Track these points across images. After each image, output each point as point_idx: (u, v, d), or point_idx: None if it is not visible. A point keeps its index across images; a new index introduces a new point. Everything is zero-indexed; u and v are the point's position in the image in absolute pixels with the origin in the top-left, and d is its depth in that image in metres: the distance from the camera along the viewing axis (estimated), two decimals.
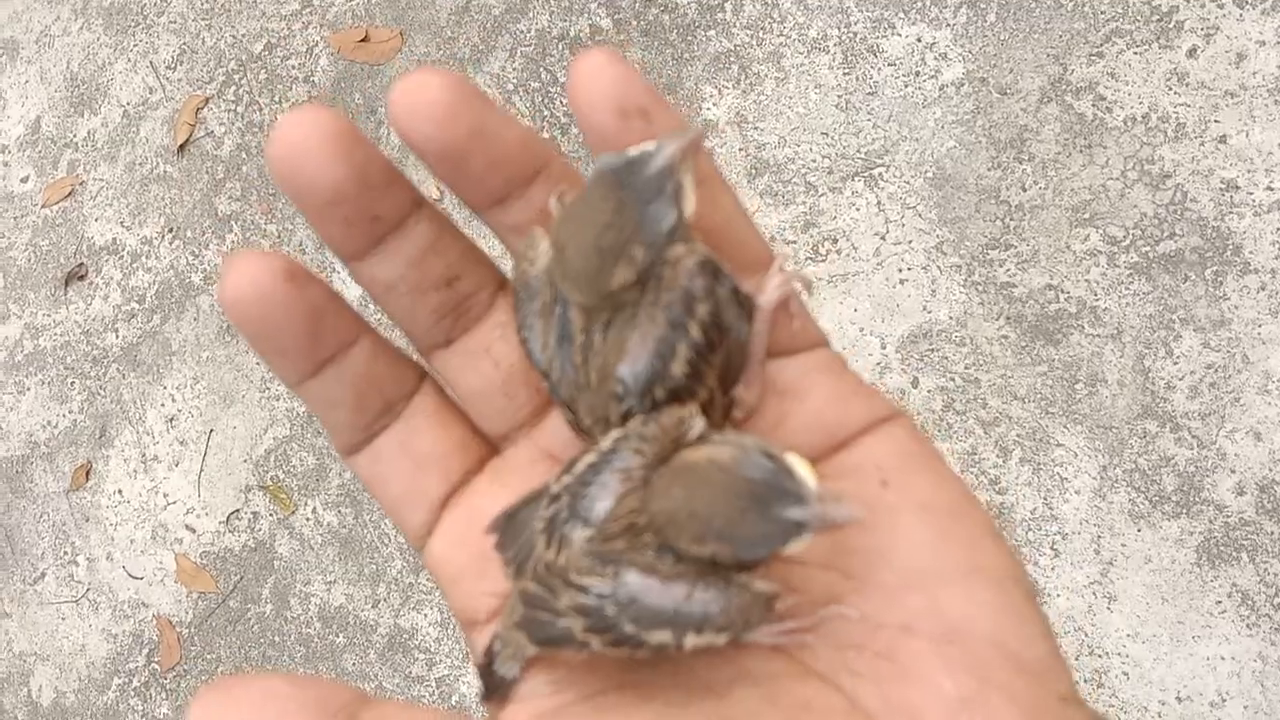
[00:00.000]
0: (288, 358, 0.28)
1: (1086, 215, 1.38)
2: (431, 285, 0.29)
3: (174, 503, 1.77)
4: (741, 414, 0.28)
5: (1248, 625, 1.29)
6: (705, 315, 0.26)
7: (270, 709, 0.25)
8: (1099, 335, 1.36)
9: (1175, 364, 1.34)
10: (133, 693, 1.75)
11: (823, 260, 1.47)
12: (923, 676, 0.25)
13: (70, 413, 1.86)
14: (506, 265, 0.30)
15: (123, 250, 1.87)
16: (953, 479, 0.28)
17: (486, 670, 0.28)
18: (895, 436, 0.28)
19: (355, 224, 0.27)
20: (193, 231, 1.82)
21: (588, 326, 0.27)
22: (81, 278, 1.89)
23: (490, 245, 0.33)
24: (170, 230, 1.84)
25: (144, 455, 1.80)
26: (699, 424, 0.27)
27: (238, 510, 1.73)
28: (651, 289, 0.26)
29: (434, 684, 1.59)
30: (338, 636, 1.65)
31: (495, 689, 0.28)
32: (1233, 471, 1.31)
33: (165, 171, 1.86)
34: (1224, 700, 1.28)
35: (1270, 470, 1.30)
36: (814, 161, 1.49)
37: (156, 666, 1.75)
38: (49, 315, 1.90)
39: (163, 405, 1.80)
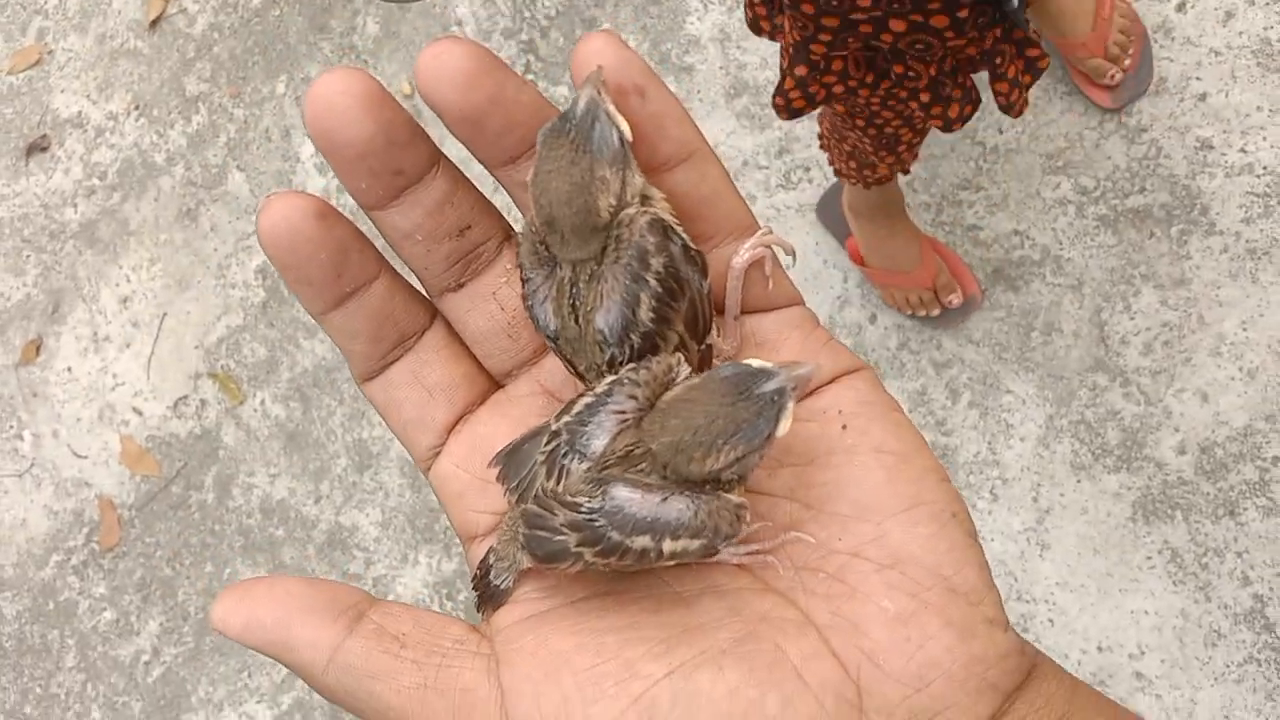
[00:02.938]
0: (314, 289, 0.31)
1: (1060, 163, 1.37)
2: (445, 234, 0.31)
3: (123, 384, 1.75)
4: (721, 362, 0.31)
5: (1174, 582, 1.31)
6: (660, 267, 0.29)
7: (287, 605, 0.29)
8: (1060, 285, 1.36)
9: (1132, 319, 1.33)
10: (71, 570, 1.75)
11: (793, 188, 1.45)
12: (867, 596, 0.29)
13: (24, 286, 1.83)
14: (513, 218, 0.33)
15: (87, 124, 1.83)
16: (907, 426, 0.31)
17: (482, 581, 0.31)
18: (857, 387, 0.31)
19: (380, 176, 0.30)
20: (159, 110, 1.78)
21: (575, 280, 0.30)
22: (44, 149, 1.84)
23: (498, 199, 0.33)
24: (136, 107, 1.80)
25: (95, 334, 1.77)
26: (685, 370, 0.30)
27: (186, 396, 1.71)
28: (612, 248, 0.30)
29: (370, 583, 1.59)
30: (278, 529, 1.65)
31: (490, 598, 0.31)
32: (1176, 430, 1.32)
33: (135, 46, 1.81)
34: (1143, 653, 1.30)
35: (1213, 432, 1.30)
36: None
37: (96, 546, 1.74)
38: (8, 185, 1.86)
39: (117, 285, 1.77)
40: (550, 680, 0.28)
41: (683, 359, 0.30)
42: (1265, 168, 1.31)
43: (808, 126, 1.45)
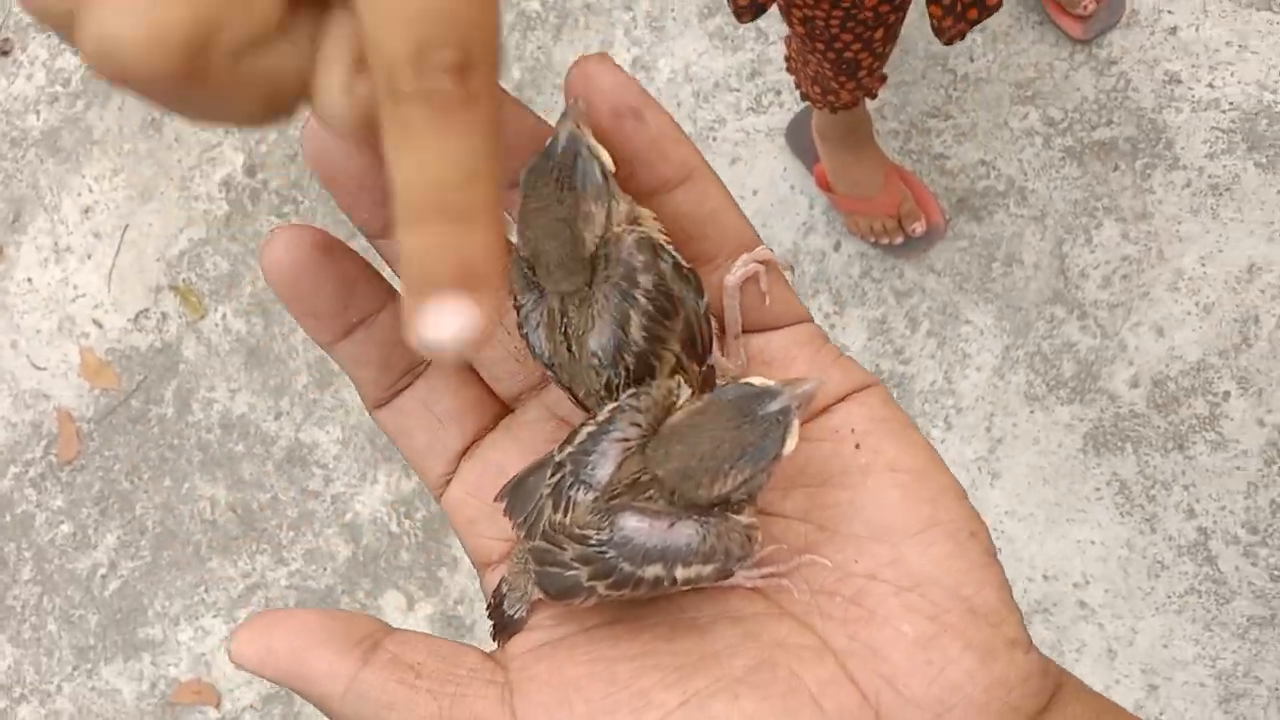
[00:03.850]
0: (321, 321, 0.31)
1: (1029, 93, 1.37)
2: None
3: (83, 295, 1.73)
4: (725, 383, 0.31)
5: (1121, 513, 1.32)
6: (649, 285, 0.29)
7: (303, 637, 0.29)
8: (1023, 216, 1.36)
9: (1092, 252, 1.34)
10: (28, 483, 1.74)
11: (764, 112, 1.44)
12: (885, 620, 0.28)
13: None
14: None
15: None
16: (921, 443, 0.30)
17: (496, 610, 0.32)
18: (869, 403, 0.31)
19: (383, 205, 0.29)
20: None
21: (564, 310, 0.30)
22: (6, 53, 1.81)
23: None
24: None
25: (56, 245, 1.75)
26: (686, 393, 0.30)
27: (147, 309, 1.70)
28: (601, 268, 0.29)
29: (329, 500, 1.59)
30: (237, 445, 1.64)
31: (504, 628, 0.31)
32: (1130, 364, 1.33)
33: None
34: (1087, 582, 1.32)
35: (1166, 366, 1.32)
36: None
37: (54, 459, 1.73)
38: None
39: (79, 195, 1.74)
40: (563, 709, 0.28)
41: (682, 382, 0.30)
42: (1231, 103, 1.31)
43: (780, 50, 1.44)
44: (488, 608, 0.32)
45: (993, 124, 1.37)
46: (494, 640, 0.32)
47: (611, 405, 0.30)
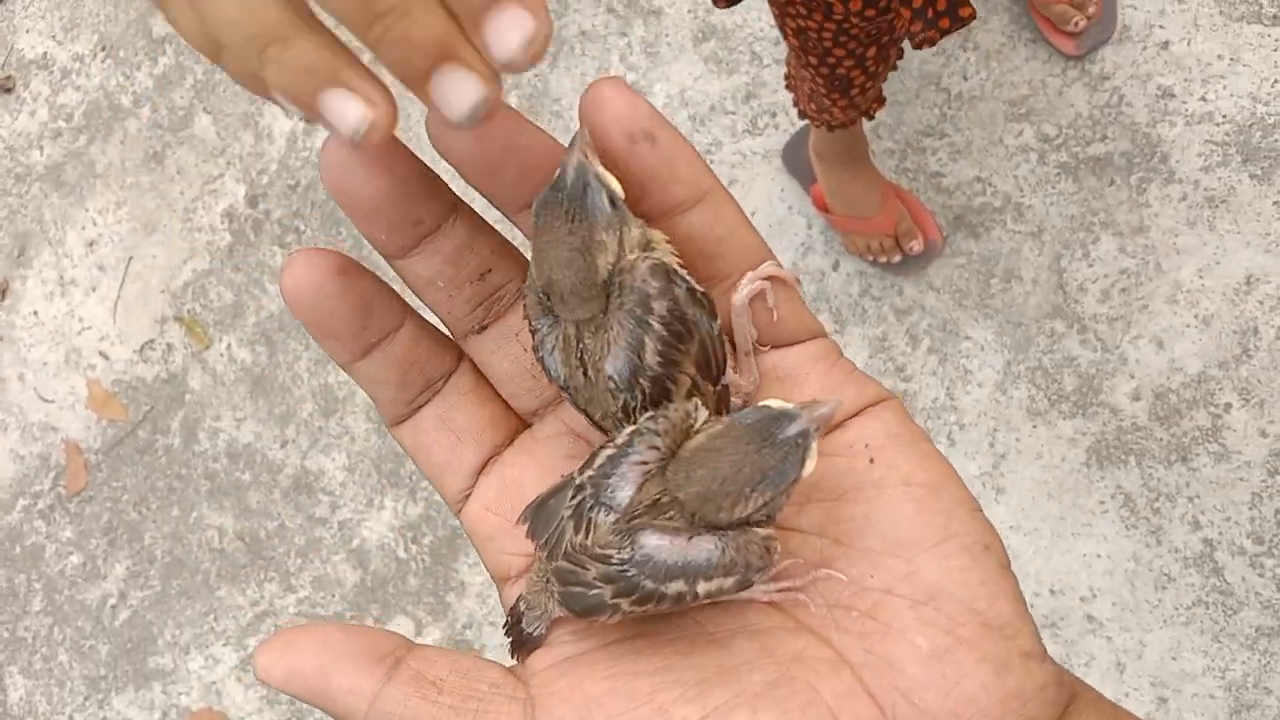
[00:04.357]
0: (340, 342, 0.31)
1: (1023, 110, 1.37)
2: (466, 279, 0.31)
3: (89, 328, 1.74)
4: (740, 401, 0.32)
5: (1126, 526, 1.32)
6: (664, 311, 0.30)
7: (327, 653, 0.29)
8: (1020, 232, 1.37)
9: (1090, 266, 1.34)
10: (37, 515, 1.75)
11: (760, 134, 1.45)
12: (901, 633, 0.29)
13: None
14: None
15: (53, 65, 1.81)
16: (935, 456, 0.31)
17: (515, 627, 0.32)
18: (883, 418, 0.31)
19: (398, 227, 0.30)
20: (125, 51, 1.76)
21: (580, 336, 0.31)
22: (9, 90, 1.83)
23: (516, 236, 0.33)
24: (103, 48, 1.78)
25: (62, 278, 1.76)
26: (703, 415, 0.30)
27: (152, 341, 1.71)
28: (616, 295, 0.30)
29: (336, 526, 1.60)
30: (244, 473, 1.65)
31: (523, 644, 0.32)
32: (1132, 377, 1.33)
33: None
34: (1094, 596, 1.32)
35: (1168, 378, 1.32)
36: (762, 32, 1.46)
37: (62, 491, 1.74)
38: None
39: (84, 228, 1.76)
40: None
41: (699, 404, 0.31)
42: (1225, 116, 1.32)
43: (775, 73, 1.45)
44: (505, 624, 0.32)
45: (988, 141, 1.38)
46: (512, 656, 0.32)
47: (630, 429, 0.30)
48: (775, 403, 0.29)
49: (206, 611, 1.63)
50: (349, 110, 0.24)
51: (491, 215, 0.33)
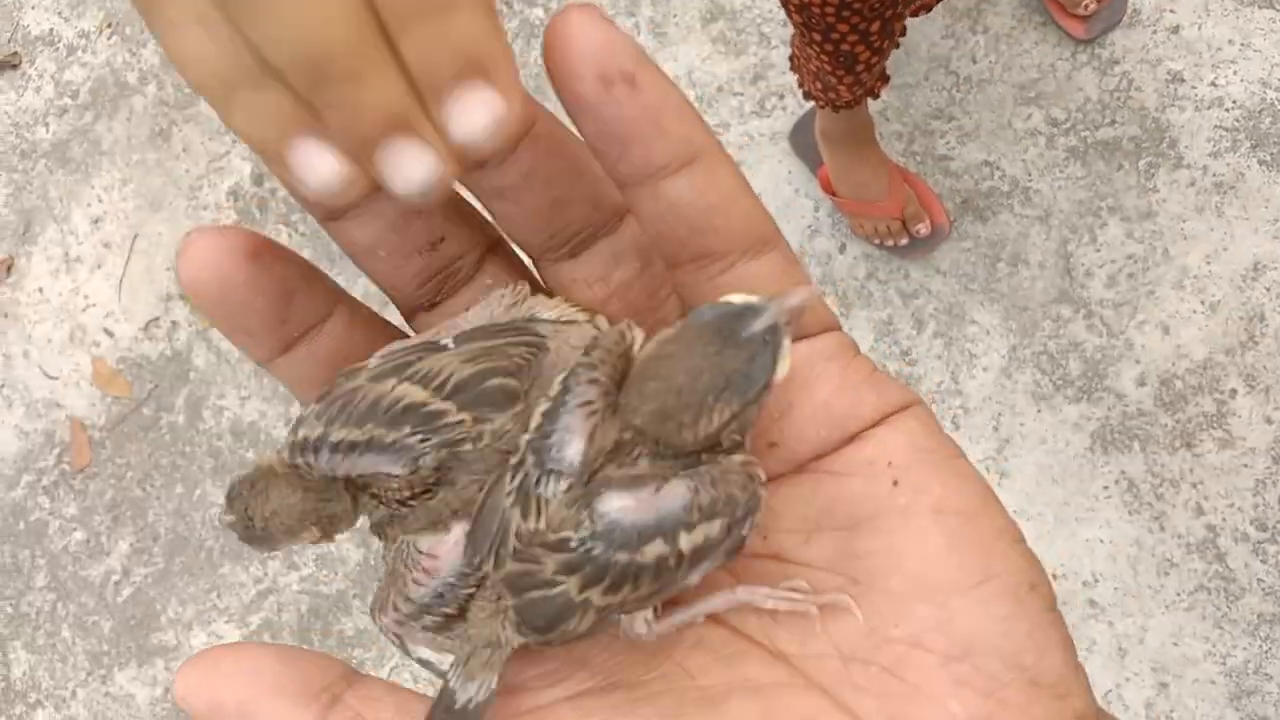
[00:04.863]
0: (254, 338, 0.26)
1: (1032, 94, 1.37)
2: (414, 248, 0.27)
3: (94, 305, 1.74)
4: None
5: (1130, 512, 1.33)
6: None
7: (254, 685, 0.25)
8: (1027, 216, 1.36)
9: (1097, 251, 1.34)
10: (41, 491, 1.75)
11: (767, 115, 1.45)
12: (931, 696, 0.24)
13: None
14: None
15: (58, 42, 1.80)
16: (969, 477, 0.26)
17: (448, 709, 0.25)
18: (909, 429, 0.26)
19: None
20: (132, 29, 1.76)
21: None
22: (14, 67, 1.82)
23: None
24: (109, 25, 1.78)
25: (67, 255, 1.76)
26: (639, 335, 0.26)
27: (157, 318, 1.71)
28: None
29: None
30: (248, 451, 1.65)
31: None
32: (1137, 362, 1.33)
33: None
34: (1096, 581, 1.32)
35: (1173, 364, 1.32)
36: (770, 13, 1.46)
37: (67, 467, 1.75)
38: None
39: (89, 205, 1.76)
40: None
41: (632, 324, 0.26)
42: (1235, 102, 1.31)
43: (784, 54, 1.45)
44: (433, 709, 0.26)
45: (996, 125, 1.37)
46: None
47: (561, 374, 0.25)
48: (736, 297, 0.25)
49: (209, 588, 1.64)
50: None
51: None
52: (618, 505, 0.24)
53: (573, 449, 0.24)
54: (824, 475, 0.26)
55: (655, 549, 0.24)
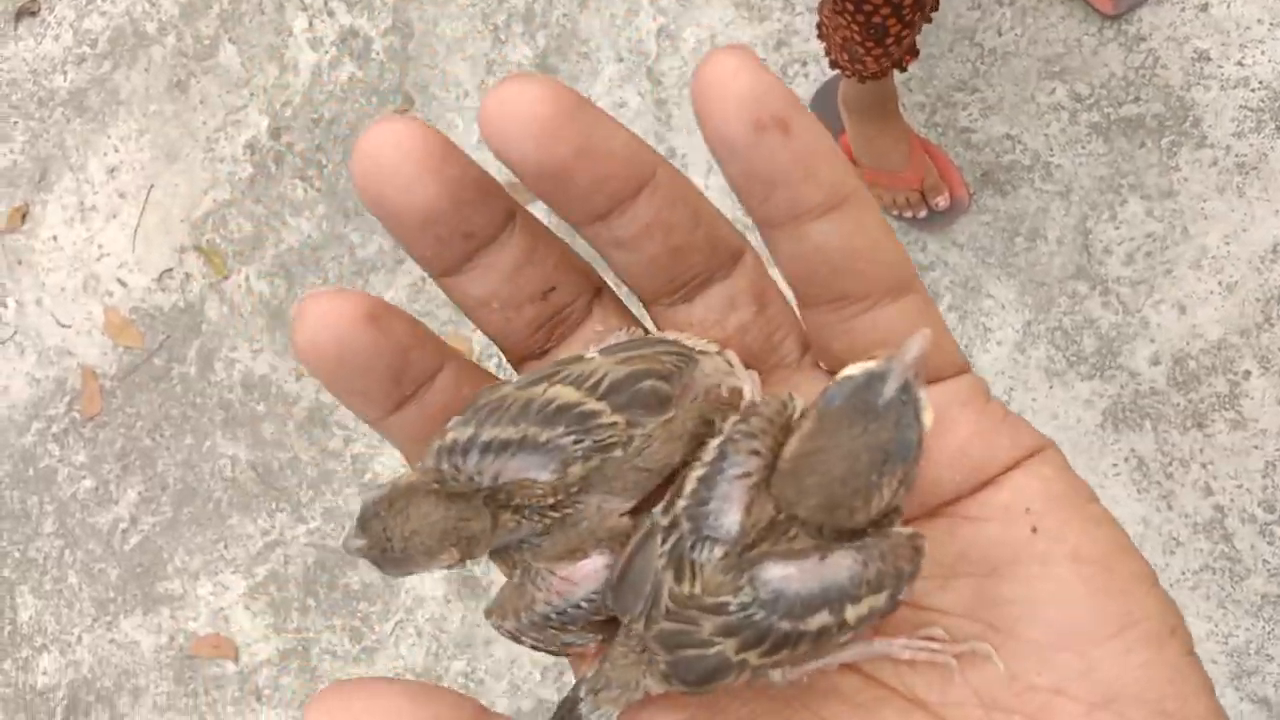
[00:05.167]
0: (369, 399, 0.26)
1: (1057, 69, 1.36)
2: (526, 299, 0.27)
3: (108, 255, 1.74)
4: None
5: (1139, 490, 1.33)
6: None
7: None
8: (1048, 191, 1.36)
9: (1117, 229, 1.34)
10: (51, 438, 1.76)
11: (790, 82, 1.44)
12: None
13: (11, 152, 1.81)
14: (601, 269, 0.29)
15: None
16: (1107, 521, 0.26)
17: (570, 714, 0.26)
18: (1044, 475, 0.26)
19: (448, 242, 0.25)
20: None
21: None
22: (33, 14, 1.82)
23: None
24: None
25: (82, 204, 1.76)
26: (799, 404, 0.26)
27: (171, 269, 1.71)
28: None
29: (350, 460, 1.61)
30: (259, 405, 1.66)
31: None
32: (1152, 341, 1.33)
33: None
34: None
35: (1188, 344, 1.32)
36: None
37: (77, 415, 1.75)
38: None
39: (105, 155, 1.76)
40: None
41: (792, 394, 0.26)
42: (1261, 82, 1.31)
43: (808, 20, 1.44)
44: (557, 713, 0.27)
45: (1019, 98, 1.37)
46: None
47: (716, 440, 0.25)
48: (852, 368, 0.25)
49: (217, 539, 1.65)
50: None
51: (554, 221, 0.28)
52: (780, 573, 0.24)
53: (730, 518, 0.24)
54: (960, 520, 0.26)
55: (819, 620, 0.24)
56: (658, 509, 0.25)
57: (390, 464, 1.59)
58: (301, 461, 1.63)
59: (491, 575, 1.51)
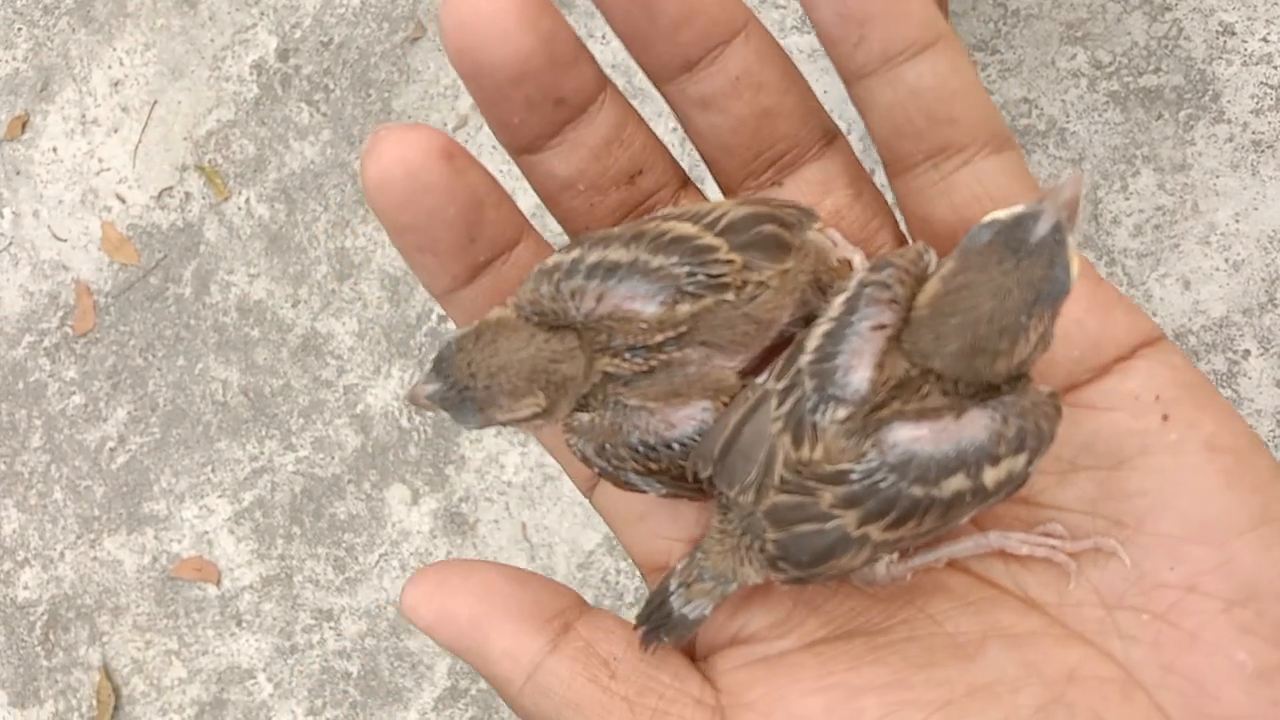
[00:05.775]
0: (440, 257, 0.24)
1: (1079, 34, 1.35)
2: (612, 181, 0.25)
3: (108, 169, 1.72)
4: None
5: None
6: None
7: (486, 604, 0.23)
8: (1061, 158, 1.35)
9: (1127, 200, 1.33)
10: (43, 352, 1.75)
11: (808, 31, 1.42)
12: (1212, 645, 0.22)
13: (13, 60, 1.78)
14: (682, 154, 0.26)
15: None
16: (1236, 415, 0.24)
17: (659, 609, 0.24)
18: (1173, 363, 0.24)
19: (538, 107, 0.24)
20: None
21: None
22: None
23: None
24: None
25: (84, 116, 1.74)
26: (932, 256, 0.24)
27: (171, 188, 1.69)
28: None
29: (341, 390, 1.60)
30: (253, 329, 1.65)
31: (672, 628, 0.24)
32: (1154, 315, 1.32)
33: None
34: None
35: (1189, 320, 1.31)
36: None
37: (69, 330, 1.74)
38: None
39: (110, 67, 1.73)
40: None
41: (928, 245, 0.24)
42: None
43: None
44: (646, 607, 0.24)
45: (1039, 62, 1.35)
46: (644, 647, 0.25)
47: (845, 292, 0.23)
48: (998, 212, 0.23)
49: (204, 462, 1.64)
50: None
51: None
52: (909, 435, 0.22)
53: (859, 375, 0.22)
54: (1083, 410, 0.24)
55: (955, 483, 0.22)
56: (768, 374, 0.23)
57: (383, 396, 1.58)
58: (293, 389, 1.62)
59: (478, 514, 1.52)
